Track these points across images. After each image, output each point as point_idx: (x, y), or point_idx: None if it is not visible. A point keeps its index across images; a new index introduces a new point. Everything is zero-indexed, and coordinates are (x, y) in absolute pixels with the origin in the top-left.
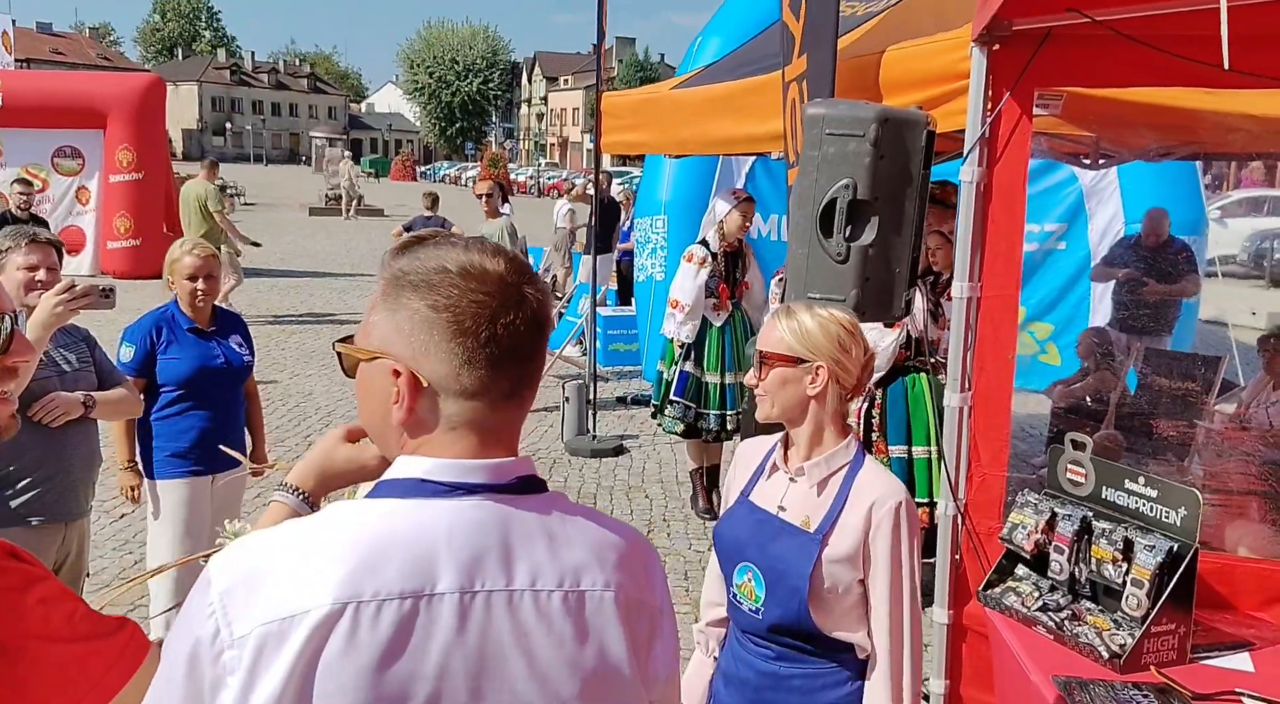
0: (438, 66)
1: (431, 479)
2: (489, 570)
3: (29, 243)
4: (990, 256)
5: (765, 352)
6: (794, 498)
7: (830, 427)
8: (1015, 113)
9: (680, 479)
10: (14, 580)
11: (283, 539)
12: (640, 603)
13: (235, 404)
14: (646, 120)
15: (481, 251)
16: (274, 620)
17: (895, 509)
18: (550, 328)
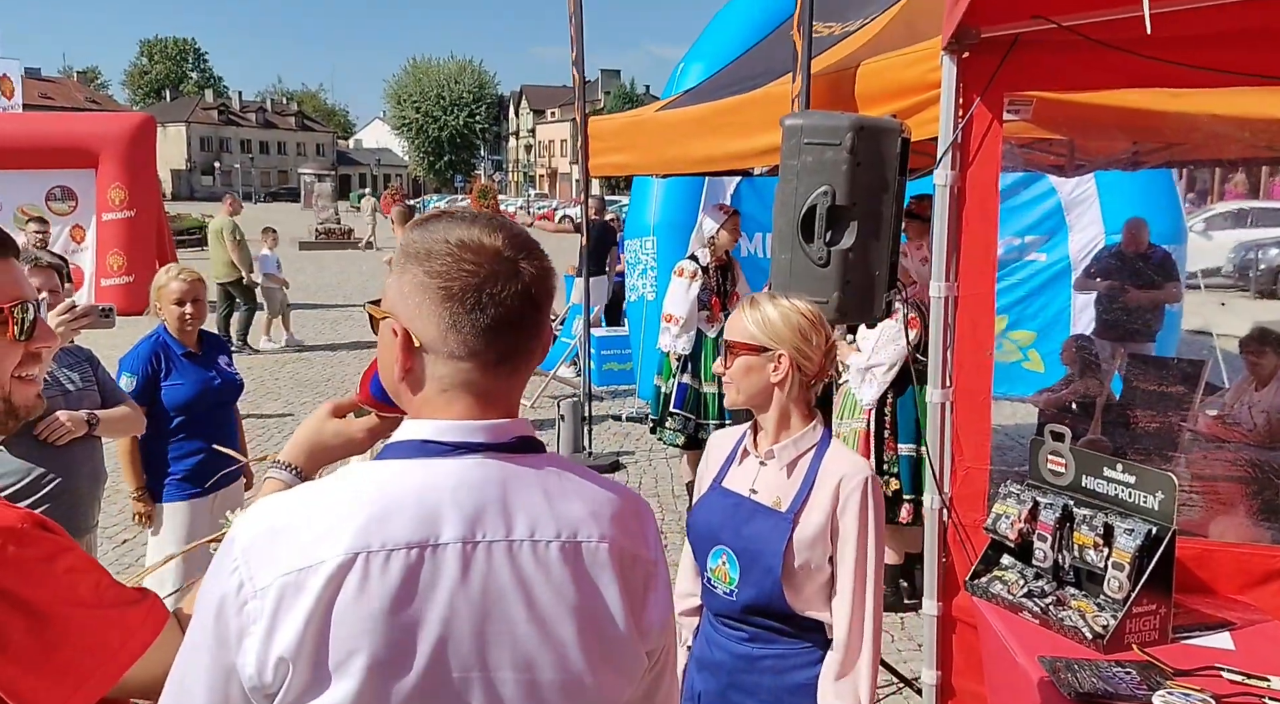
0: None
1: (435, 440)
2: (490, 522)
3: (31, 266)
4: (966, 257)
5: (730, 341)
6: (765, 480)
7: (795, 411)
8: (986, 118)
9: (677, 493)
10: (44, 549)
11: (299, 498)
12: (635, 556)
13: (231, 423)
14: (632, 142)
15: (484, 227)
16: (292, 571)
17: (862, 484)
18: (547, 302)
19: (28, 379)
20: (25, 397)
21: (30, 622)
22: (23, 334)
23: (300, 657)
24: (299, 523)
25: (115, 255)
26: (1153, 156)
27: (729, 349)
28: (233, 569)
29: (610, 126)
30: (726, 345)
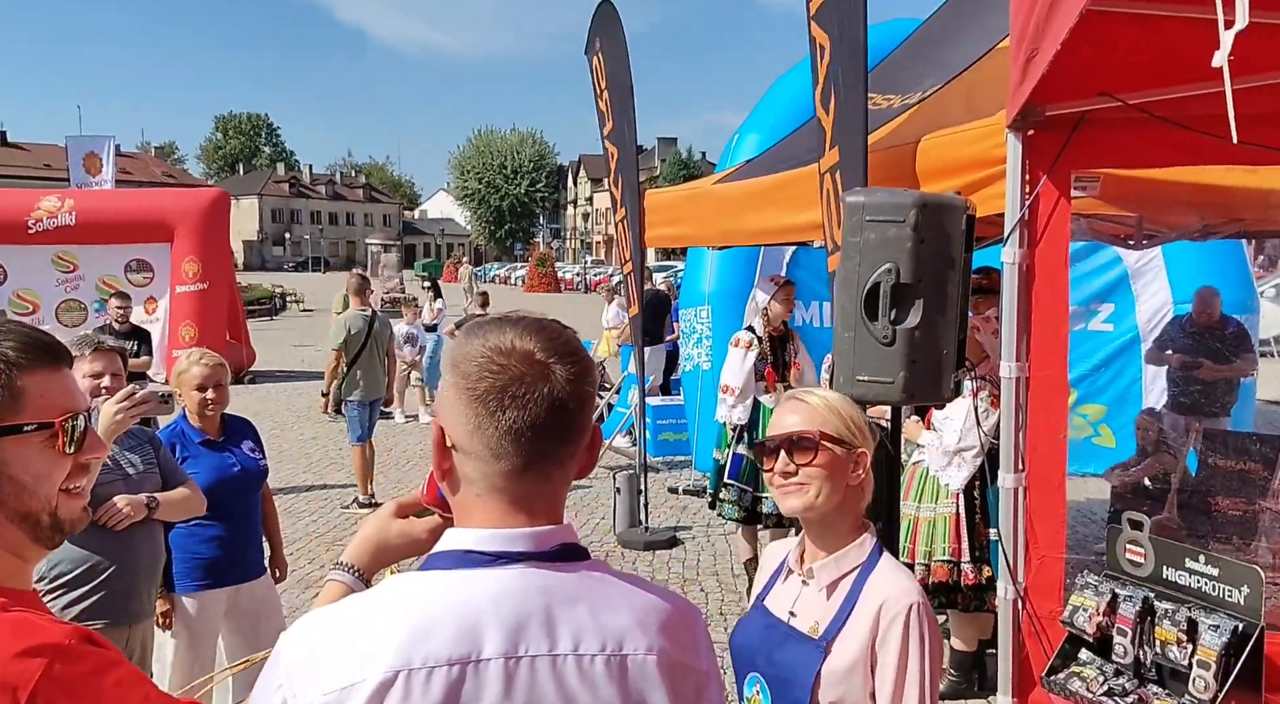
0: (487, 172)
1: (476, 550)
2: (533, 636)
3: (94, 351)
4: (1037, 336)
5: (819, 431)
6: (805, 602)
7: (849, 522)
8: (1053, 195)
9: (736, 572)
10: (92, 665)
11: (341, 614)
12: (685, 667)
13: (254, 511)
14: (688, 215)
15: (522, 330)
16: (334, 691)
17: (905, 611)
18: (582, 407)
19: (75, 492)
20: (71, 511)
21: None
22: (72, 446)
23: None
24: (342, 639)
25: (187, 327)
26: (1224, 228)
27: (809, 442)
28: (277, 686)
29: (667, 199)
30: (801, 438)
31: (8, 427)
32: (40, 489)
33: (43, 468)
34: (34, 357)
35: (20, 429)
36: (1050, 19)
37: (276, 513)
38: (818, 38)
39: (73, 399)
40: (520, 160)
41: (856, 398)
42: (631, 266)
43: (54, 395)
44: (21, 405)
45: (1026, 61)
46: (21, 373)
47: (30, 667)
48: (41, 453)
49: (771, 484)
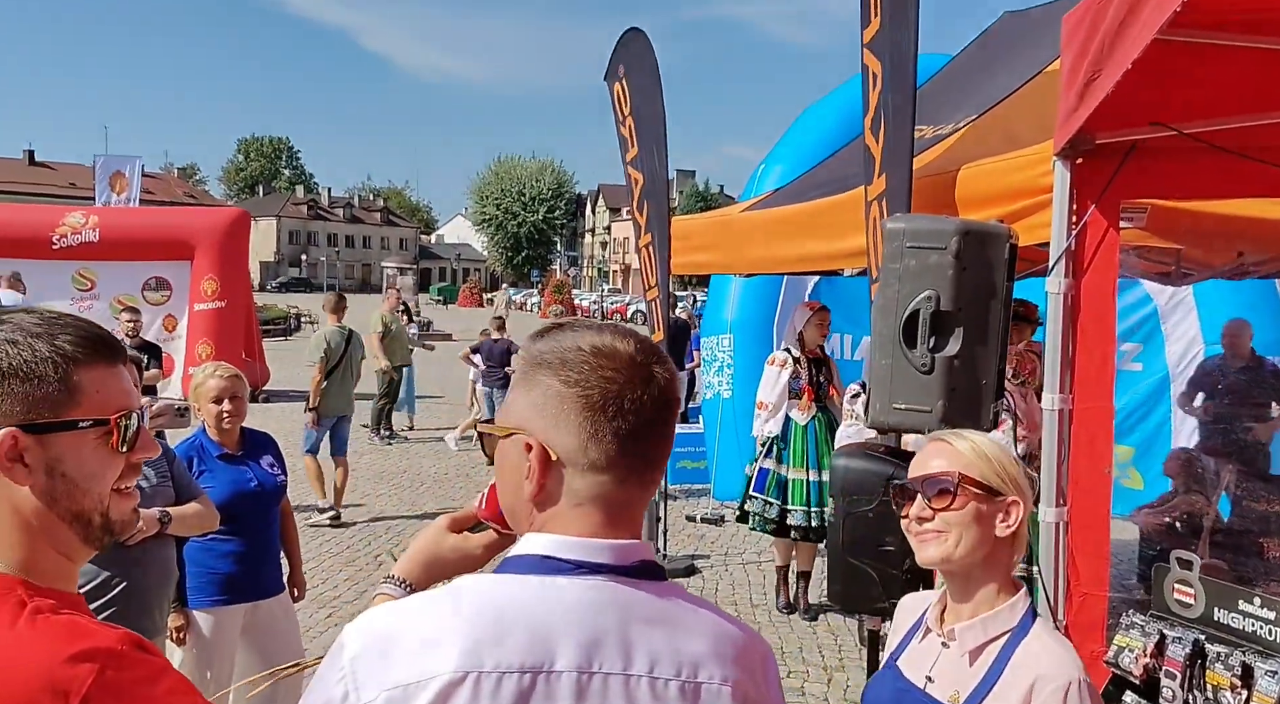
0: (505, 198)
1: (555, 556)
2: (607, 653)
3: None
4: (1081, 368)
5: (962, 475)
6: (944, 667)
7: (999, 581)
8: (1101, 225)
9: (755, 602)
10: (144, 672)
11: (412, 608)
12: (757, 701)
13: (271, 527)
14: (717, 241)
15: (613, 333)
16: (399, 686)
17: (1063, 691)
18: (678, 406)
19: (126, 492)
20: (122, 511)
21: None
22: (125, 445)
23: None
24: (410, 634)
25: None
26: (1261, 267)
27: (938, 487)
28: (339, 678)
29: (694, 225)
30: (937, 480)
31: (63, 422)
32: (93, 488)
33: (96, 466)
34: (91, 351)
35: (76, 425)
36: (1117, 42)
37: (296, 530)
38: (870, 65)
39: (128, 397)
40: (539, 188)
41: (892, 426)
42: (657, 292)
43: (110, 392)
44: (77, 401)
45: (1085, 85)
46: (79, 368)
47: (82, 671)
48: (95, 451)
49: (909, 532)
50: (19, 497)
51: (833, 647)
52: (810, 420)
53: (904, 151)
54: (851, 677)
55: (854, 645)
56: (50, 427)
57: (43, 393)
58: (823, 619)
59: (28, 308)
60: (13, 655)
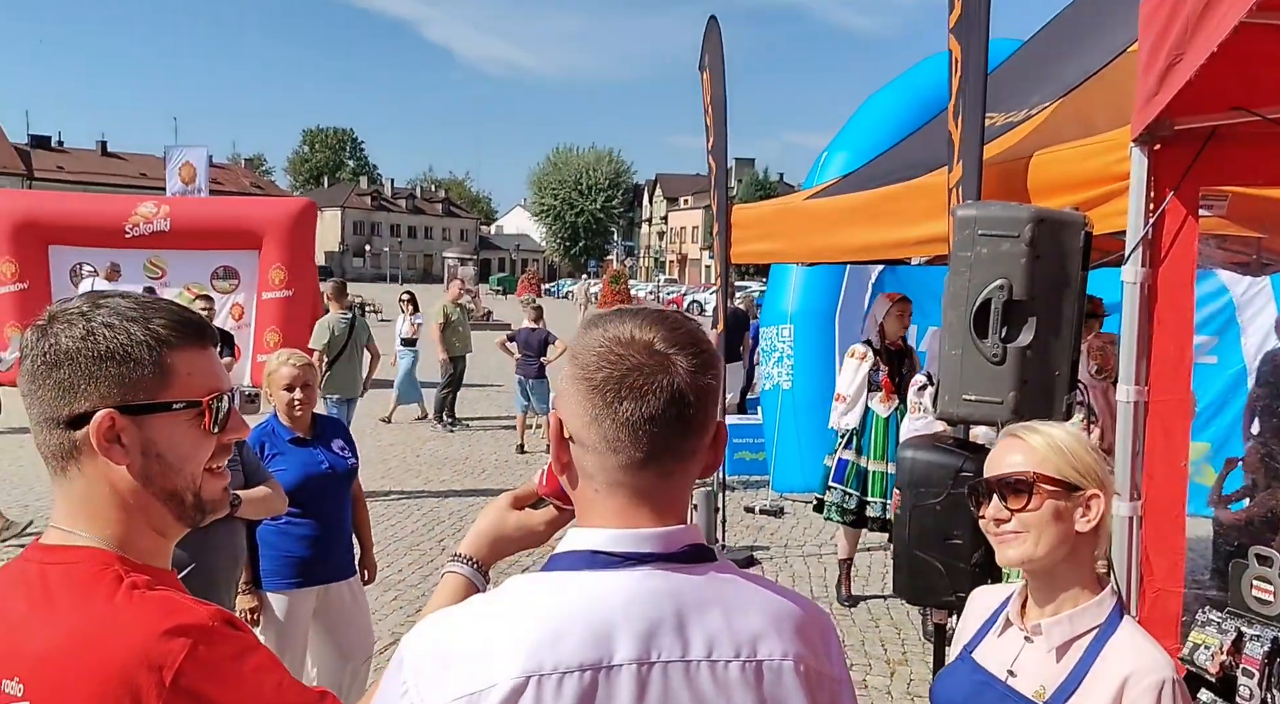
0: (563, 188)
1: (604, 551)
2: (665, 641)
3: None
4: (1158, 359)
5: (1036, 474)
6: (1028, 662)
7: (1085, 576)
8: (1180, 213)
9: (815, 594)
10: (234, 648)
11: (466, 616)
12: (819, 673)
13: (343, 509)
14: (778, 230)
15: (643, 321)
16: (462, 696)
17: (1157, 688)
18: (702, 399)
19: (218, 472)
20: (214, 490)
21: None
22: (217, 426)
23: None
24: (468, 643)
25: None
26: None
27: (1026, 486)
28: (402, 692)
29: (755, 215)
30: (1016, 481)
31: (158, 404)
32: (186, 468)
33: (189, 447)
34: (184, 334)
35: (169, 407)
36: (1201, 25)
37: (368, 514)
38: (954, 50)
39: (219, 379)
40: (596, 177)
41: (961, 418)
42: (720, 283)
43: (201, 374)
44: (170, 383)
45: (1166, 69)
46: (171, 351)
47: (175, 646)
48: (188, 432)
49: (987, 532)
50: (116, 476)
51: (895, 640)
52: (892, 413)
53: (974, 138)
54: (915, 670)
55: (917, 639)
56: (145, 408)
57: (138, 375)
58: (885, 613)
59: (122, 293)
60: (110, 628)
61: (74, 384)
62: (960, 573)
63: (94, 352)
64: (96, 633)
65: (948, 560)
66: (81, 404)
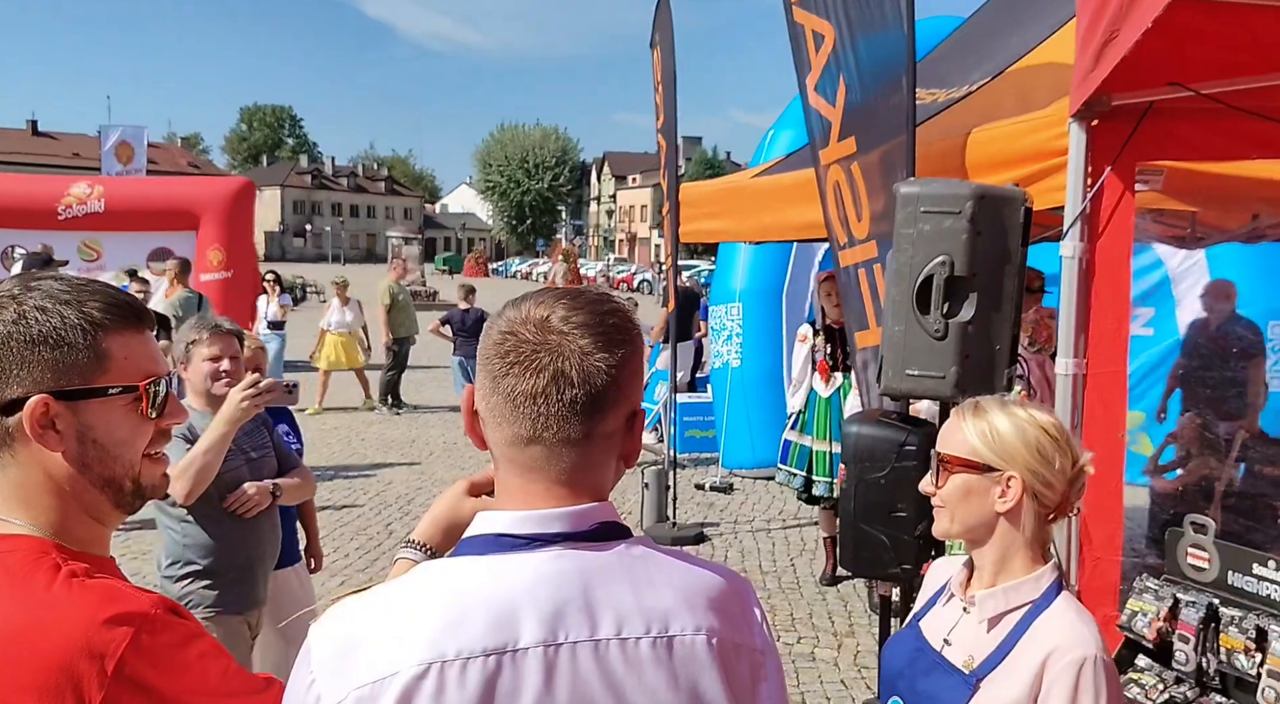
0: (509, 166)
1: (508, 533)
2: (572, 621)
3: (211, 333)
4: (1096, 332)
5: (945, 454)
6: (962, 632)
7: (1021, 552)
8: (1117, 188)
9: (765, 569)
10: (178, 636)
11: (371, 605)
12: (738, 646)
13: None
14: (726, 209)
15: (550, 299)
16: (366, 684)
17: (1077, 666)
18: (599, 383)
19: (157, 458)
20: (153, 476)
21: None
22: (155, 411)
23: None
24: (371, 631)
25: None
26: (1276, 229)
27: (941, 464)
28: (309, 683)
29: (703, 193)
30: (938, 459)
31: (93, 389)
32: (124, 454)
33: (126, 433)
34: (119, 318)
35: (105, 392)
36: (1136, 1)
37: (313, 500)
38: (807, 24)
39: (156, 363)
40: (543, 156)
41: (905, 393)
42: (670, 262)
43: (138, 358)
44: (106, 368)
45: (1102, 45)
46: (107, 334)
47: (117, 635)
48: (126, 417)
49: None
50: (51, 462)
51: (843, 613)
52: (833, 392)
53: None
54: (861, 642)
55: (864, 611)
56: (80, 393)
57: (72, 360)
58: (832, 586)
59: (56, 275)
60: (49, 618)
61: (6, 369)
62: (905, 545)
63: (26, 336)
64: (35, 623)
65: (892, 533)
66: (14, 389)
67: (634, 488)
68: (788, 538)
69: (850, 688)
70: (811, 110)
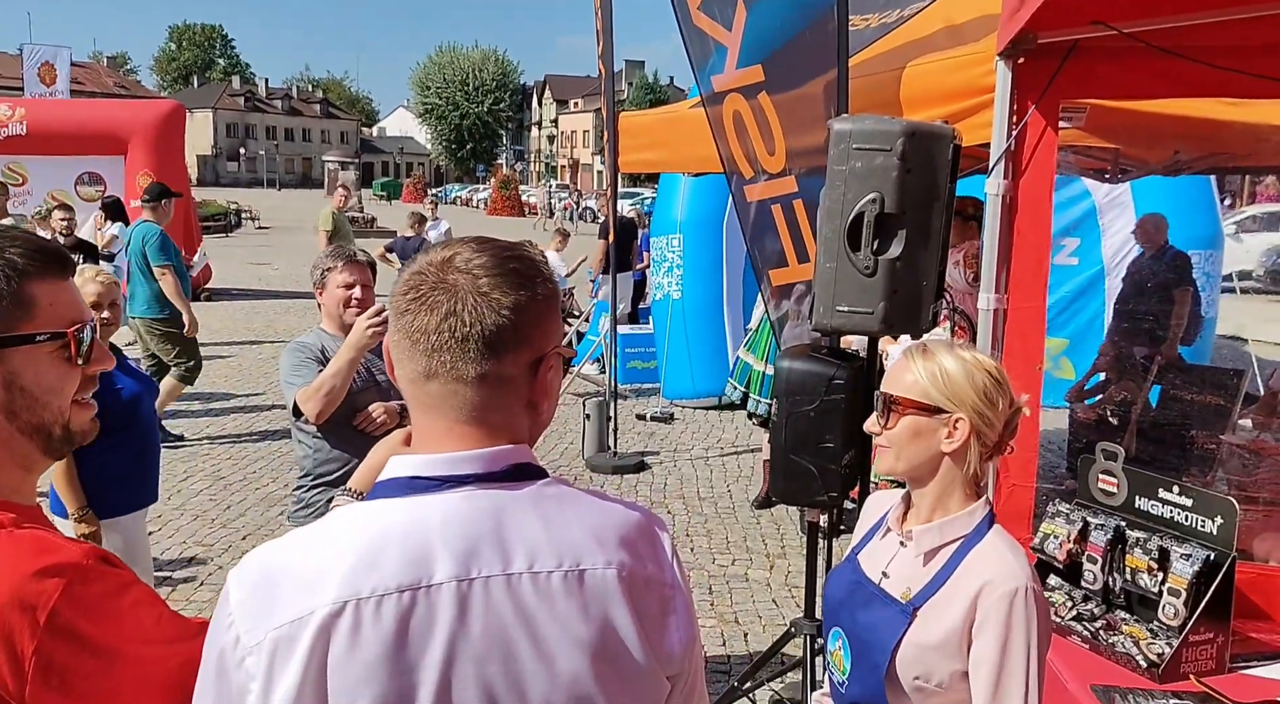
0: (448, 89)
1: (421, 476)
2: (485, 557)
3: (346, 262)
4: (1017, 268)
5: (895, 396)
6: (899, 565)
7: (959, 490)
8: (1040, 125)
9: (703, 495)
10: (110, 585)
11: (288, 547)
12: (648, 580)
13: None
14: (665, 139)
15: (458, 244)
16: (284, 624)
17: (1009, 597)
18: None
19: (85, 403)
20: (82, 421)
21: (97, 663)
22: (83, 358)
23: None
24: (289, 573)
25: None
26: (1196, 164)
27: (890, 405)
28: (229, 624)
29: (642, 123)
30: (886, 400)
31: (19, 336)
32: (53, 401)
33: (54, 380)
34: (42, 265)
35: (33, 339)
36: None
37: None
38: None
39: (81, 310)
40: (483, 78)
41: (835, 328)
42: (609, 192)
43: (63, 305)
44: (32, 315)
45: None
46: (30, 281)
47: (49, 586)
48: (53, 364)
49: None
50: None
51: (775, 536)
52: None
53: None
54: (793, 563)
55: (795, 534)
56: (5, 341)
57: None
58: (765, 511)
59: None
60: None
61: None
62: (832, 475)
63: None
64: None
65: (820, 463)
66: None
67: (576, 418)
68: (725, 465)
69: (781, 606)
70: (695, 30)
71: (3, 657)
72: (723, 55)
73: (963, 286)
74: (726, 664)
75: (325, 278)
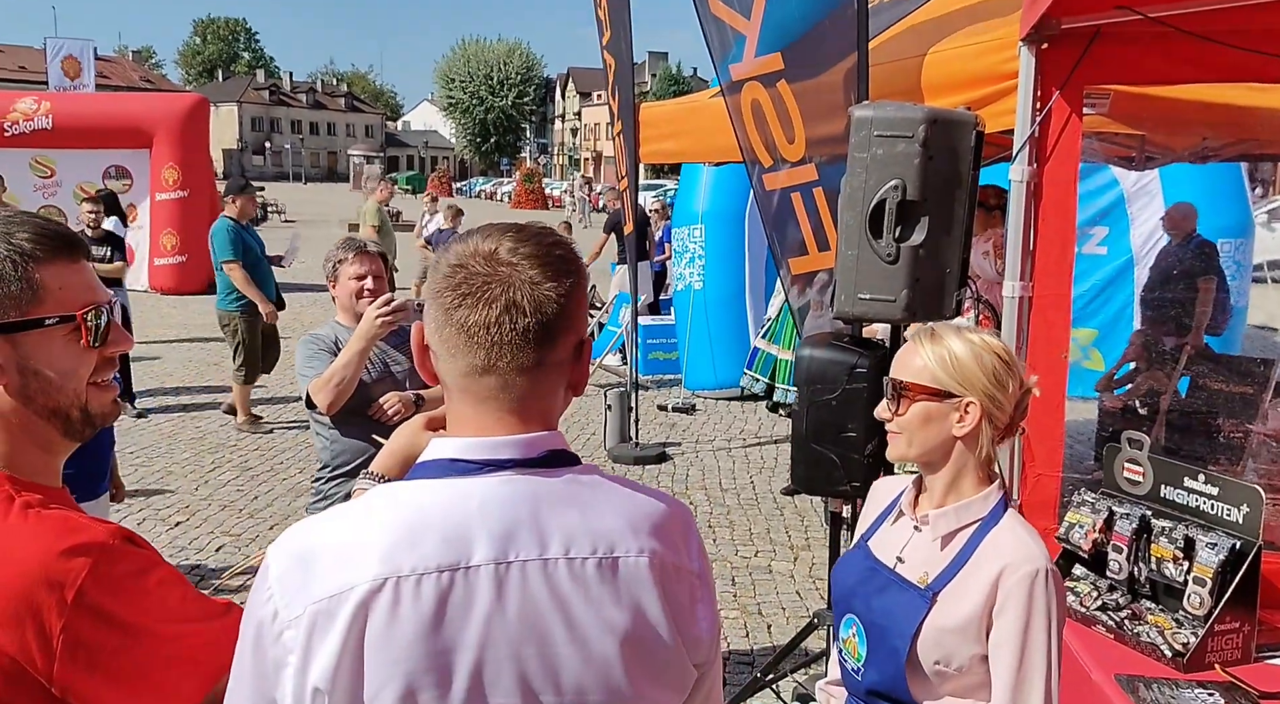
0: (472, 82)
1: (462, 458)
2: (522, 541)
3: (357, 253)
4: (1042, 256)
5: (905, 382)
6: (915, 550)
7: (972, 473)
8: (1065, 111)
9: (725, 486)
10: (136, 564)
11: (328, 523)
12: (677, 568)
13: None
14: (685, 129)
15: (497, 233)
16: (323, 599)
17: (1029, 579)
18: (548, 313)
19: (104, 385)
20: (102, 404)
21: (123, 640)
22: (96, 340)
23: (336, 688)
24: (329, 548)
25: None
26: (1224, 150)
27: (900, 391)
28: (267, 597)
29: (662, 113)
30: (896, 386)
31: (29, 321)
32: (68, 384)
33: (69, 363)
34: (51, 248)
35: (41, 323)
36: None
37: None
38: None
39: (94, 292)
40: (507, 72)
41: (857, 316)
42: (627, 183)
43: (74, 288)
44: (42, 299)
45: None
46: (39, 265)
47: (76, 565)
48: (66, 347)
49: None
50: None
51: (799, 527)
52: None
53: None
54: (817, 555)
55: (819, 526)
56: (17, 326)
57: (4, 292)
58: (789, 501)
59: None
60: (6, 549)
61: None
62: (855, 464)
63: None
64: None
65: (842, 452)
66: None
67: (598, 409)
68: (747, 456)
69: (805, 598)
70: (714, 19)
71: (31, 635)
72: (741, 44)
73: (991, 276)
74: (750, 656)
75: (337, 270)
